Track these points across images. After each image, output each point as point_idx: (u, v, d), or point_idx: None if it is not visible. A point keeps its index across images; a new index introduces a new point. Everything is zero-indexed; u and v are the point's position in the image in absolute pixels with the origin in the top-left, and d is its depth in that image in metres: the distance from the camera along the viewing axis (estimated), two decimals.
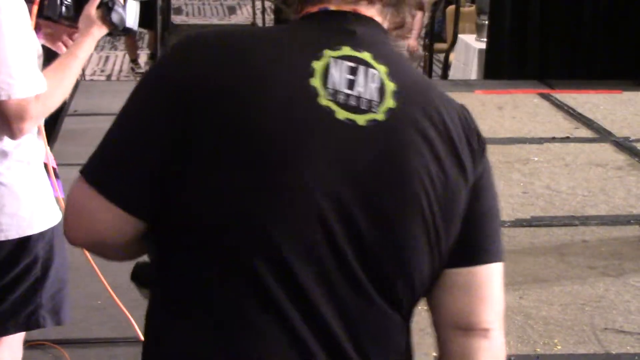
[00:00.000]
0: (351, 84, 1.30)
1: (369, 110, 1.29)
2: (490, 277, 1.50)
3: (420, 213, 1.34)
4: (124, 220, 1.34)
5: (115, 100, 6.42)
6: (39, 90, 2.10)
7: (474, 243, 1.45)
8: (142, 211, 1.34)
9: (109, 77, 9.95)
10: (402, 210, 1.33)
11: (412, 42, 8.10)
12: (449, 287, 1.47)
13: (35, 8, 2.32)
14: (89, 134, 5.43)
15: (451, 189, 1.35)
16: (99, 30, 2.37)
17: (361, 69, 1.31)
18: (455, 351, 1.50)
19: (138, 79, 6.15)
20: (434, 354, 2.59)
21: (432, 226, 1.36)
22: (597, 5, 7.29)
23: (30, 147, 2.27)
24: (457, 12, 8.47)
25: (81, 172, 1.36)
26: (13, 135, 2.13)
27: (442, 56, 8.63)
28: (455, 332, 1.50)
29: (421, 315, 2.83)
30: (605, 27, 7.46)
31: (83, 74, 9.21)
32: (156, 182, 1.31)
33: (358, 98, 1.29)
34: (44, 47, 2.41)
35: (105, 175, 1.35)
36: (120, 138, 1.37)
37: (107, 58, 10.80)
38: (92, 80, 8.98)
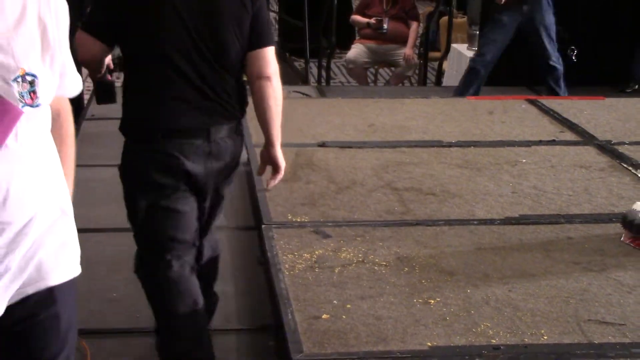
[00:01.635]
0: None
1: None
2: (271, 52, 2.91)
3: (231, 22, 2.77)
4: (101, 46, 2.76)
5: None
6: None
7: (260, 34, 2.86)
8: (110, 41, 2.77)
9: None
10: (222, 22, 2.74)
11: (408, 51, 8.12)
12: (251, 59, 2.86)
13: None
14: (105, 137, 5.44)
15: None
16: None
17: None
18: (256, 89, 2.90)
19: None
20: (429, 343, 2.61)
21: (238, 30, 2.78)
22: (580, 18, 7.29)
23: None
24: (450, 23, 8.48)
25: (79, 26, 2.74)
26: None
27: (436, 64, 8.62)
28: (255, 79, 2.89)
29: (416, 307, 2.85)
30: (589, 38, 7.47)
31: None
32: (115, 25, 2.72)
33: None
34: None
35: (91, 25, 2.77)
36: (97, 7, 2.84)
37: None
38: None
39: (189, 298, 2.86)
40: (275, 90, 2.95)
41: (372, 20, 8.13)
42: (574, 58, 6.91)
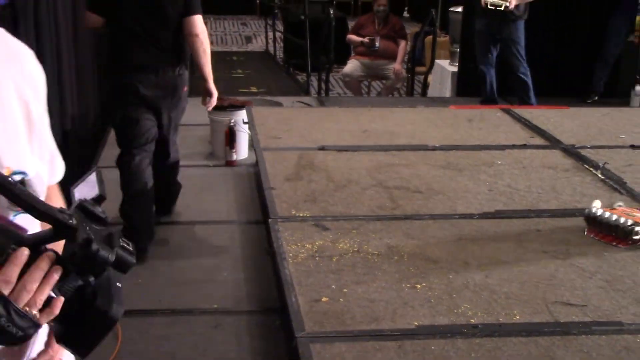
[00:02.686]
0: None
1: None
2: (198, 18, 3.80)
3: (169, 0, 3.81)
4: (96, 17, 3.87)
5: None
6: None
7: (189, 5, 3.77)
8: (100, 14, 3.86)
9: None
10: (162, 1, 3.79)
11: (397, 66, 8.12)
12: (184, 23, 3.81)
13: None
14: None
15: None
16: None
17: None
18: (190, 44, 3.84)
19: None
20: (415, 322, 2.60)
21: (173, 4, 3.79)
22: (546, 37, 7.30)
23: None
24: (434, 41, 8.49)
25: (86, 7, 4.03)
26: None
27: (422, 77, 8.63)
28: (187, 36, 3.81)
29: (404, 291, 2.84)
30: (555, 55, 7.48)
31: None
32: (101, 4, 3.85)
33: None
34: None
35: (91, 5, 3.94)
36: None
37: None
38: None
39: (142, 181, 3.84)
40: (202, 43, 3.91)
41: (366, 39, 8.13)
42: None
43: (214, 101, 4.13)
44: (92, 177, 1.12)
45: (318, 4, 10.68)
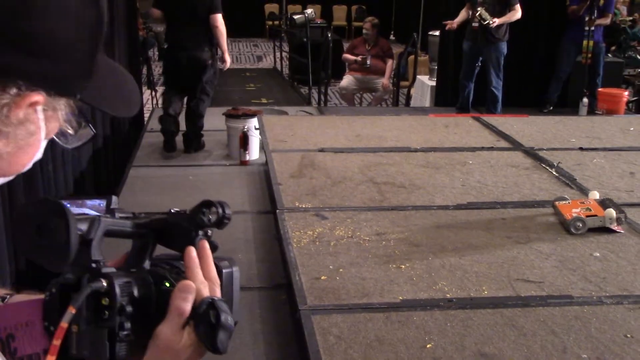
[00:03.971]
0: None
1: None
2: (218, 16, 5.08)
3: (200, 3, 5.01)
4: (158, 11, 5.29)
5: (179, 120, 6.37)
6: None
7: (211, 7, 5.05)
8: (160, 8, 5.20)
9: None
10: (196, 3, 5.01)
11: (385, 81, 8.11)
12: (210, 19, 5.09)
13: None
14: (158, 145, 5.44)
15: None
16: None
17: None
18: (213, 32, 5.15)
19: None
20: (400, 297, 2.59)
21: (203, 6, 4.99)
22: (510, 58, 7.30)
23: None
24: (415, 60, 8.49)
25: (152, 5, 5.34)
26: None
27: (405, 90, 8.63)
28: (212, 27, 5.13)
29: (391, 271, 2.83)
30: (517, 72, 7.47)
31: (157, 103, 9.16)
32: (161, 2, 5.24)
33: None
34: None
35: (155, 3, 5.23)
36: None
37: None
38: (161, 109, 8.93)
39: (173, 122, 5.20)
40: (221, 32, 5.15)
41: (358, 58, 8.12)
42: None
43: (227, 65, 5.47)
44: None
45: (318, 28, 10.69)
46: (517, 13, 6.43)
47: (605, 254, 3.05)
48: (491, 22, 6.33)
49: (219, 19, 5.11)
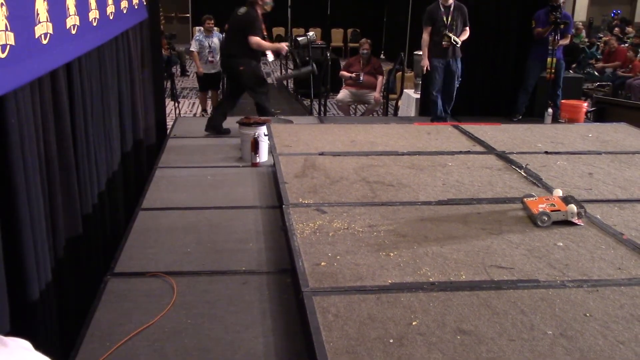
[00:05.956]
0: None
1: None
2: (252, 38, 5.78)
3: (239, 29, 5.83)
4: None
5: (197, 128, 6.40)
6: None
7: (247, 32, 5.65)
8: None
9: (194, 115, 9.91)
10: (235, 29, 5.95)
11: (376, 94, 8.10)
12: (248, 40, 5.74)
13: None
14: (183, 149, 5.43)
15: None
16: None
17: None
18: (251, 46, 5.78)
19: (206, 118, 6.21)
20: (389, 280, 2.57)
21: (241, 32, 5.67)
22: (483, 73, 7.29)
23: None
24: (402, 76, 8.49)
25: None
26: None
27: (394, 102, 8.62)
28: (250, 43, 5.88)
29: (381, 258, 2.81)
30: (489, 85, 7.48)
31: (179, 113, 9.16)
32: None
33: None
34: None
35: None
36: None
37: (193, 104, 10.75)
38: (184, 117, 8.94)
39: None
40: (254, 45, 5.87)
41: (353, 75, 8.12)
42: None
43: (284, 49, 6.41)
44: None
45: (318, 48, 10.65)
46: (468, 32, 6.81)
47: (567, 244, 3.04)
48: (459, 42, 6.66)
49: (252, 42, 5.87)
